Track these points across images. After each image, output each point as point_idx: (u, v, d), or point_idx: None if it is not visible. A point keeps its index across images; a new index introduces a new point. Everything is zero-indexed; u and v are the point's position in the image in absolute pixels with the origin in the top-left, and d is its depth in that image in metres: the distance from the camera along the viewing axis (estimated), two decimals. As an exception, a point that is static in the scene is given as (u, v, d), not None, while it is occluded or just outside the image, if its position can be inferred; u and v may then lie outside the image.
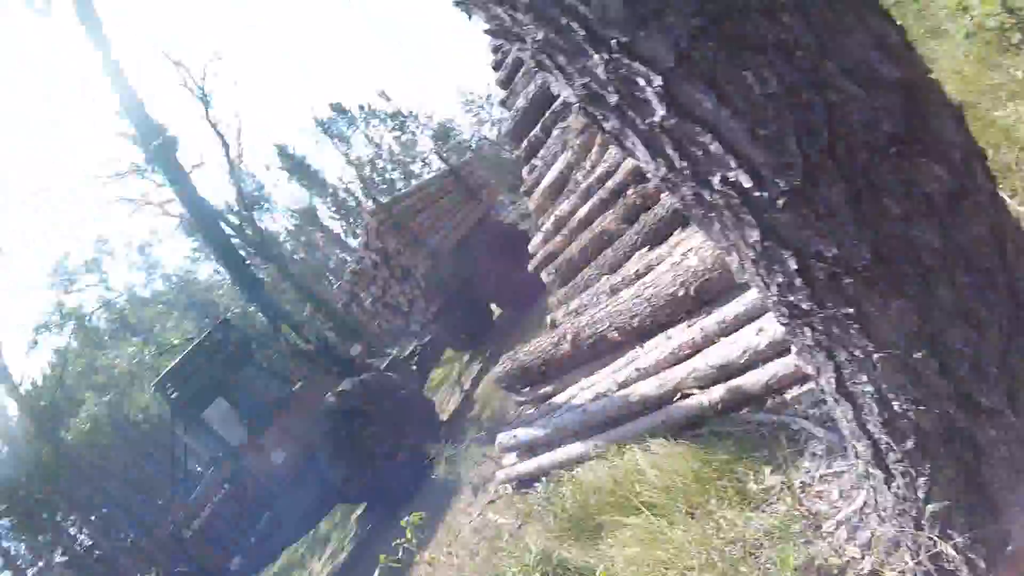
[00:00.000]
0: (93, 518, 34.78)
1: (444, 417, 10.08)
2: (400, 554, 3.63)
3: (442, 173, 13.22)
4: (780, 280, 1.40)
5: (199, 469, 10.64)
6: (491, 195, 13.12)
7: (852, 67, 1.17)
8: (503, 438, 5.46)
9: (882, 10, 1.25)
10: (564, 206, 6.16)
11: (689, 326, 3.95)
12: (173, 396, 9.31)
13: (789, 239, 1.30)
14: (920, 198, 1.24)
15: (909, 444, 1.54)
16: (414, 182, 35.65)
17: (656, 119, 1.24)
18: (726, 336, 3.66)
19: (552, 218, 6.36)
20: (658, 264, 4.69)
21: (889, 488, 1.72)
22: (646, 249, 5.13)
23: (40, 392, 35.28)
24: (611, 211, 5.47)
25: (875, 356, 1.41)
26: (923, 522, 1.67)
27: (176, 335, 31.37)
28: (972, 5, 4.06)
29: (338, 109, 44.10)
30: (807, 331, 1.50)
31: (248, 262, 12.21)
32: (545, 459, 4.92)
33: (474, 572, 4.63)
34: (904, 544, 1.92)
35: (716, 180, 1.27)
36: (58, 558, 37.33)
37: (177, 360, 10.33)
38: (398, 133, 43.47)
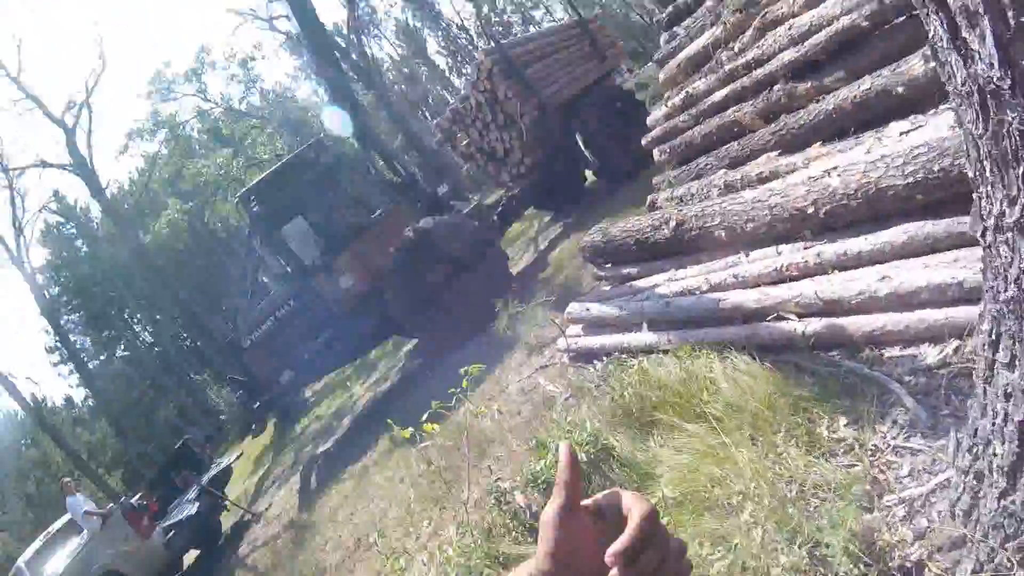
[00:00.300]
0: (158, 318, 37.49)
1: (514, 272, 10.07)
2: (453, 402, 3.66)
3: (569, 24, 12.35)
4: None
5: (269, 283, 11.00)
6: (616, 56, 12.22)
7: None
8: (574, 308, 5.38)
9: None
10: (699, 84, 5.64)
11: (806, 247, 3.64)
12: (255, 209, 9.48)
13: None
14: None
15: None
16: (532, 29, 33.85)
17: None
18: (843, 271, 3.36)
19: (682, 94, 5.86)
20: (787, 173, 4.29)
21: (1001, 499, 1.56)
22: (776, 153, 4.69)
23: (125, 195, 37.07)
24: (750, 103, 4.97)
25: None
26: (1013, 543, 1.55)
27: (266, 150, 31.88)
28: None
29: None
30: None
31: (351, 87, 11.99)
32: (611, 339, 4.83)
33: (513, 431, 4.71)
34: (973, 554, 1.76)
35: None
36: (120, 352, 41.04)
37: (265, 174, 10.47)
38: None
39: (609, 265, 5.61)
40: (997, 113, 1.05)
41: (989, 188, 1.18)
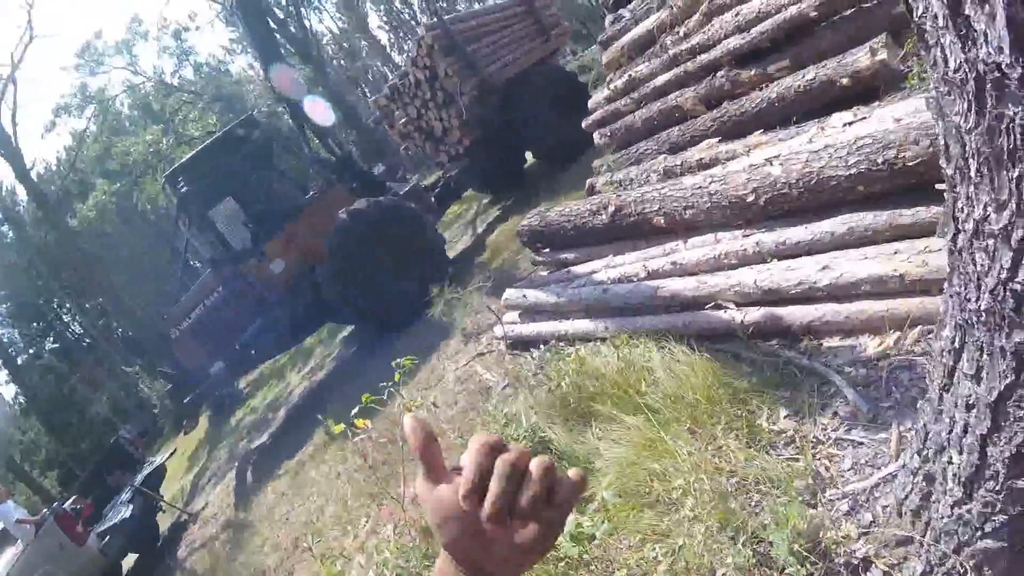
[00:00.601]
0: (88, 306, 35.50)
1: (451, 256, 9.87)
2: (385, 396, 3.49)
3: (515, 1, 12.12)
4: None
5: (200, 268, 10.43)
6: (561, 37, 12.04)
7: None
8: (511, 294, 5.25)
9: None
10: (642, 68, 5.54)
11: (745, 236, 3.60)
12: (182, 190, 8.93)
13: None
14: None
15: (1021, 483, 1.32)
16: (478, 5, 33.36)
17: None
18: (783, 260, 3.33)
19: (625, 77, 5.76)
20: (728, 160, 4.24)
21: (956, 507, 1.52)
22: (718, 140, 4.65)
23: (52, 176, 34.67)
24: (693, 88, 4.90)
25: None
26: (967, 550, 1.51)
27: (197, 127, 30.34)
28: None
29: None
30: (1020, 334, 1.15)
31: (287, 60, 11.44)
32: (549, 326, 4.73)
33: (450, 422, 4.56)
34: (923, 556, 1.73)
35: None
36: (49, 345, 38.73)
37: (193, 153, 9.87)
38: (471, -54, 40.15)
39: (547, 250, 5.49)
40: (997, 106, 0.93)
41: (972, 189, 1.07)
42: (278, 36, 21.59)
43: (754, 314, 3.27)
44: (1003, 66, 0.89)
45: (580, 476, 0.56)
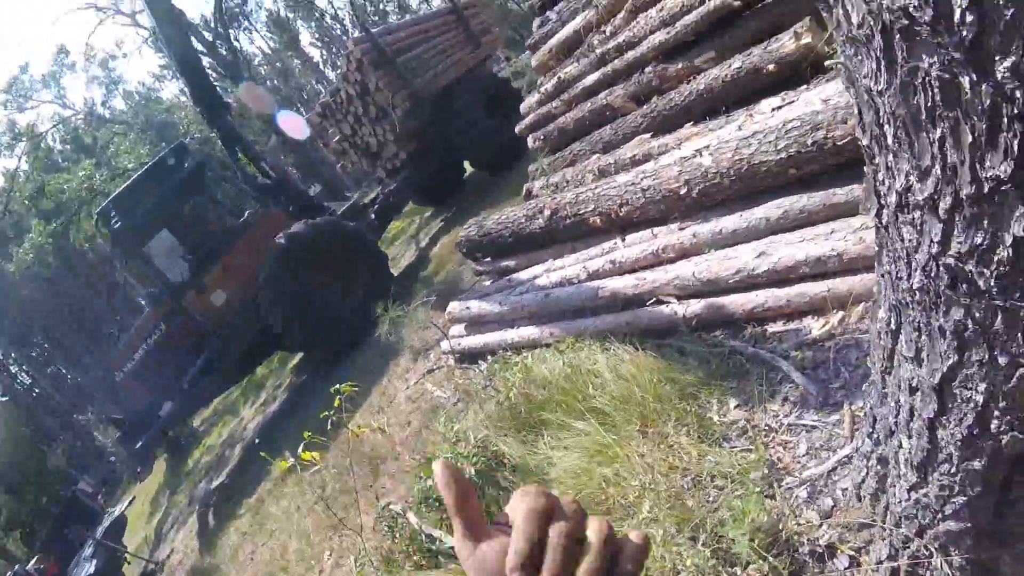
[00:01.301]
0: (33, 355, 33.96)
1: (395, 272, 9.67)
2: (329, 426, 3.33)
3: (443, 9, 12.00)
4: (979, 242, 0.94)
5: (141, 305, 10.03)
6: (492, 43, 11.97)
7: None
8: (454, 307, 5.13)
9: None
10: (571, 69, 5.50)
11: (681, 228, 3.55)
12: (116, 225, 8.48)
13: None
14: None
15: (976, 464, 1.25)
16: (409, 16, 33.21)
17: None
18: (719, 249, 3.29)
19: (554, 80, 5.71)
20: (660, 154, 4.21)
21: (912, 492, 1.46)
22: (649, 135, 4.62)
23: None
24: (622, 86, 4.87)
25: (1021, 371, 1.02)
26: (929, 532, 1.46)
27: (130, 158, 29.37)
28: None
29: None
30: (958, 312, 1.07)
31: (215, 83, 11.08)
32: (495, 337, 4.63)
33: (404, 444, 4.42)
34: (885, 539, 1.68)
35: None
36: None
37: (124, 185, 9.47)
38: (403, -42, 39.97)
39: (488, 259, 5.40)
40: (908, 59, 0.82)
41: (891, 158, 0.98)
42: (208, 59, 21.05)
43: (695, 306, 3.24)
44: (910, 9, 0.79)
45: (643, 539, 0.48)
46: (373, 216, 10.12)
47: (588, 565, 0.45)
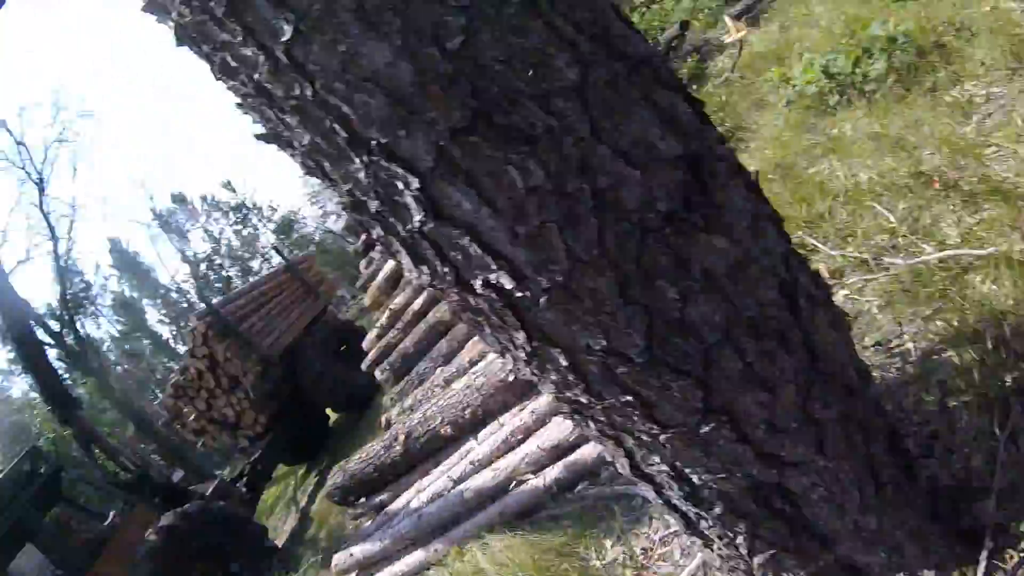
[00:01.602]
0: None
1: (279, 542, 9.07)
2: None
3: (278, 269, 12.57)
4: (555, 378, 1.30)
5: None
6: (329, 291, 12.56)
7: (628, 148, 1.09)
8: (339, 558, 4.93)
9: (674, 84, 1.19)
10: (399, 299, 5.97)
11: (520, 410, 3.82)
12: None
13: (557, 336, 1.19)
14: (698, 275, 1.17)
15: (717, 510, 1.49)
16: (251, 279, 33.90)
17: (415, 224, 1.09)
18: (557, 415, 3.57)
19: (387, 312, 6.14)
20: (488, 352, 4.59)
21: (712, 550, 1.68)
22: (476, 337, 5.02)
23: None
24: (446, 301, 5.33)
25: (662, 437, 1.34)
26: (755, 573, 1.63)
27: None
28: (794, 76, 4.51)
29: (179, 200, 41.99)
30: (590, 423, 1.42)
31: (64, 378, 10.65)
32: (388, 574, 4.47)
33: None
34: None
35: (478, 284, 1.14)
36: None
37: None
38: (239, 227, 41.60)
39: (363, 499, 5.33)
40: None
41: None
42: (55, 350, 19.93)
43: (553, 471, 3.41)
44: (414, 279, 1.17)
45: None
46: (244, 489, 9.64)
47: None
